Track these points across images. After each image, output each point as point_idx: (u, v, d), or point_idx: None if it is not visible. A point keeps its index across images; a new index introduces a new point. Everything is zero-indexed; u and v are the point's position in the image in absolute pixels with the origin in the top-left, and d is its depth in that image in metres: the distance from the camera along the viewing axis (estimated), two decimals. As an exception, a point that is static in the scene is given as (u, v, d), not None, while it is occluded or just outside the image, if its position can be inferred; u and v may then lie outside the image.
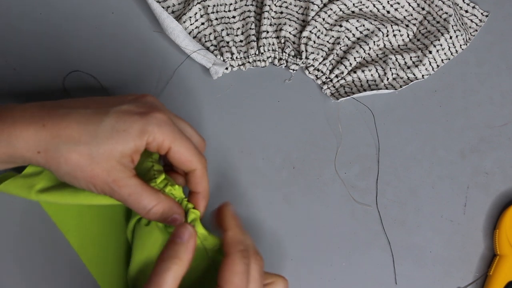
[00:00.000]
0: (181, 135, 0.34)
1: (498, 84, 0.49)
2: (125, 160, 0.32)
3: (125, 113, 0.33)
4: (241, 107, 0.46)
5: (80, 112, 0.32)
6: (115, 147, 0.32)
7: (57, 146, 0.31)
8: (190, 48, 0.44)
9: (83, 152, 0.31)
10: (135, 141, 0.32)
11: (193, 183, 0.36)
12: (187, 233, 0.33)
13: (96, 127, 0.32)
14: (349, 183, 0.45)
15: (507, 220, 0.44)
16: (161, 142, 0.33)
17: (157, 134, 0.33)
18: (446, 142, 0.47)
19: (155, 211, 0.33)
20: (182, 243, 0.32)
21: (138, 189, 0.33)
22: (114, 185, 0.32)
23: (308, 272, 0.43)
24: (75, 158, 0.31)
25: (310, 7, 0.47)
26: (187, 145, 0.35)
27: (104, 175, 0.32)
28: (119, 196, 0.33)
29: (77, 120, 0.32)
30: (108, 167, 0.32)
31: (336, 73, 0.46)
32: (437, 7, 0.48)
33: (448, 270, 0.44)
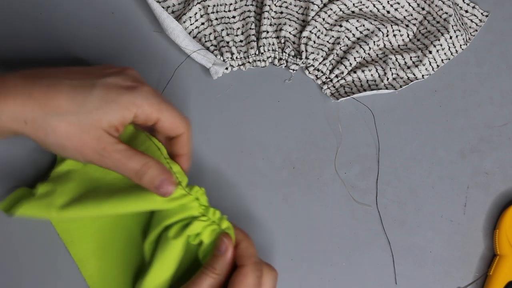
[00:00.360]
0: (167, 105, 0.35)
1: (498, 84, 0.49)
2: (112, 129, 0.33)
3: (113, 86, 0.33)
4: (241, 107, 0.46)
5: (66, 83, 0.33)
6: (103, 117, 0.32)
7: (45, 116, 0.32)
8: (190, 48, 0.44)
9: (72, 122, 0.32)
10: (123, 111, 0.33)
11: (179, 146, 0.37)
12: (224, 246, 0.35)
13: (85, 97, 0.32)
14: (349, 183, 0.45)
15: (507, 220, 0.44)
16: (149, 114, 0.34)
17: (145, 106, 0.34)
18: (446, 142, 0.47)
19: (144, 171, 0.34)
20: (220, 255, 0.35)
21: (128, 153, 0.33)
22: (104, 152, 0.33)
23: (308, 272, 0.43)
24: (64, 127, 0.32)
25: (310, 7, 0.47)
26: (173, 113, 0.36)
27: (94, 143, 0.32)
28: (110, 161, 0.33)
29: (64, 91, 0.32)
30: (97, 136, 0.32)
31: (336, 73, 0.46)
32: (437, 7, 0.48)
33: (448, 270, 0.44)
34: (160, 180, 0.34)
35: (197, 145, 0.44)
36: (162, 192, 0.34)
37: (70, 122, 0.32)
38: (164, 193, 0.34)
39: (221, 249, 0.35)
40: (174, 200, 0.35)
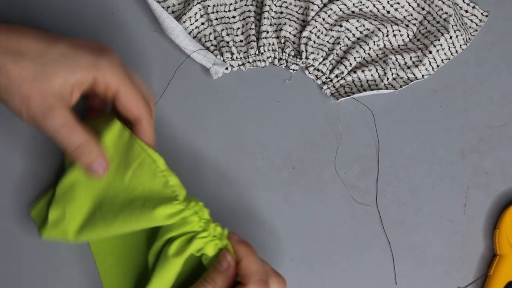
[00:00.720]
0: (130, 81, 0.34)
1: (498, 84, 0.49)
2: (66, 90, 0.31)
3: (80, 46, 0.32)
4: (241, 107, 0.46)
5: (34, 32, 0.32)
6: (60, 71, 0.31)
7: (1, 56, 0.30)
8: (190, 48, 0.44)
9: (27, 67, 0.30)
10: (82, 72, 0.31)
11: (140, 133, 0.35)
12: (226, 263, 0.34)
13: (47, 47, 0.31)
14: (349, 183, 0.45)
15: (507, 220, 0.44)
16: (109, 82, 0.32)
17: (107, 72, 0.32)
18: (446, 142, 0.47)
19: (83, 149, 0.32)
20: (221, 271, 0.34)
21: (73, 123, 0.32)
22: (48, 112, 0.31)
23: (308, 272, 0.43)
24: (17, 71, 0.30)
25: (310, 7, 0.47)
26: (135, 91, 0.34)
27: (41, 99, 0.31)
28: (51, 125, 0.31)
29: (29, 37, 0.31)
30: (47, 91, 0.31)
31: (336, 73, 0.46)
32: (437, 7, 0.48)
33: (448, 270, 0.44)
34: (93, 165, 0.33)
35: (197, 145, 0.44)
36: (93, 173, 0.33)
37: (25, 67, 0.30)
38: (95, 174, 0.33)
39: (223, 265, 0.34)
40: (173, 216, 0.35)
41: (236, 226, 0.42)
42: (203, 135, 0.45)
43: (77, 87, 0.32)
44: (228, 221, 0.42)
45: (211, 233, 0.35)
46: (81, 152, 0.32)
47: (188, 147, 0.44)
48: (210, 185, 0.43)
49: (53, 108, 0.31)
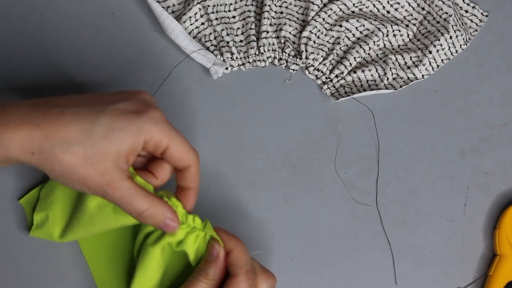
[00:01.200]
0: (177, 132, 0.34)
1: (498, 84, 0.49)
2: (120, 161, 0.32)
3: (122, 112, 0.32)
4: (241, 107, 0.46)
5: (75, 110, 0.32)
6: (110, 147, 0.31)
7: (51, 147, 0.31)
8: (190, 48, 0.44)
9: (77, 153, 0.31)
10: (132, 139, 0.32)
11: (188, 179, 0.36)
12: (215, 252, 0.34)
13: (92, 126, 0.31)
14: (349, 183, 0.45)
15: (507, 220, 0.44)
16: (159, 141, 0.33)
17: (154, 132, 0.32)
18: (446, 142, 0.47)
19: (147, 214, 0.33)
20: (212, 261, 0.34)
21: (132, 192, 0.32)
22: (107, 188, 0.32)
23: (308, 272, 0.43)
24: (69, 159, 0.31)
25: (310, 7, 0.47)
26: (184, 141, 0.34)
27: (98, 178, 0.31)
28: (112, 198, 0.32)
29: (72, 119, 0.31)
30: (102, 169, 0.31)
31: (336, 73, 0.46)
32: (437, 7, 0.48)
33: (448, 270, 0.44)
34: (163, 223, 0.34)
35: (197, 145, 0.44)
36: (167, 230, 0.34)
37: (75, 153, 0.31)
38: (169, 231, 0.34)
39: (213, 254, 0.34)
40: None
41: (236, 226, 0.43)
42: (203, 135, 0.44)
43: (130, 154, 0.32)
44: (228, 221, 0.42)
45: (190, 224, 0.35)
46: (145, 218, 0.33)
47: (188, 147, 0.44)
48: (210, 185, 0.43)
49: (111, 184, 0.32)
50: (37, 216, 0.39)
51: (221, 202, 0.43)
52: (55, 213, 0.38)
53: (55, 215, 0.38)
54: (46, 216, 0.38)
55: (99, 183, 0.31)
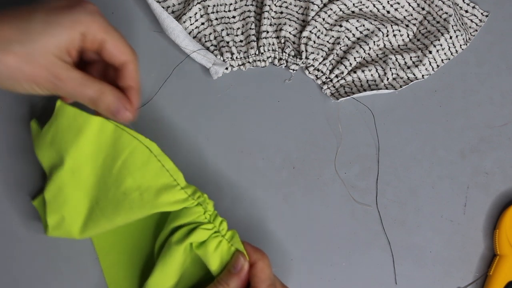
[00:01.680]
0: (113, 27, 0.34)
1: (498, 84, 0.49)
2: (62, 54, 0.32)
3: (55, 7, 0.32)
4: (241, 107, 0.46)
5: (9, 12, 0.32)
6: (49, 41, 0.31)
7: None
8: (190, 48, 0.44)
9: (18, 52, 0.31)
10: (69, 32, 0.32)
11: (127, 77, 0.35)
12: (240, 265, 0.35)
13: (27, 23, 0.31)
14: (349, 183, 0.45)
15: (507, 220, 0.44)
16: (94, 32, 0.33)
17: (90, 23, 0.32)
18: (446, 142, 0.47)
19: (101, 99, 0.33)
20: (234, 273, 0.35)
21: (83, 80, 0.32)
22: (56, 81, 0.32)
23: (308, 272, 0.43)
24: (11, 59, 0.31)
25: (310, 7, 0.47)
26: (120, 36, 0.34)
27: (45, 73, 0.31)
28: (65, 90, 0.32)
29: (7, 20, 0.31)
30: (47, 63, 0.31)
31: (336, 73, 0.46)
32: (437, 7, 0.48)
33: (448, 270, 0.44)
34: (115, 107, 0.33)
35: (197, 145, 0.44)
36: (120, 118, 0.34)
37: (16, 52, 0.31)
38: (122, 119, 0.34)
39: (237, 267, 0.35)
40: (176, 204, 0.35)
41: (236, 226, 0.42)
42: (203, 135, 0.44)
43: (71, 47, 0.32)
44: (229, 221, 0.42)
45: (215, 226, 0.35)
46: (99, 103, 0.33)
47: (188, 147, 0.44)
48: (210, 185, 0.43)
49: (59, 76, 0.32)
50: (51, 218, 0.38)
51: (221, 202, 0.43)
52: (71, 211, 0.37)
53: (71, 213, 0.37)
54: (61, 217, 0.37)
55: (47, 77, 0.32)
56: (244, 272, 0.35)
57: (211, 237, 0.35)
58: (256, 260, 0.35)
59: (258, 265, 0.35)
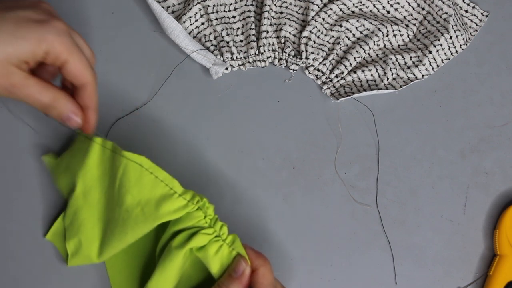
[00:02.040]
0: (77, 49, 0.35)
1: (498, 84, 0.49)
2: (21, 64, 0.33)
3: (24, 20, 0.33)
4: (241, 107, 0.46)
5: None
6: (12, 53, 0.32)
7: None
8: (190, 48, 0.44)
9: None
10: (33, 47, 0.32)
11: (85, 97, 0.36)
12: (241, 269, 0.35)
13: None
14: (349, 183, 0.45)
15: (507, 220, 0.44)
16: (59, 53, 0.33)
17: (55, 43, 0.33)
18: (446, 142, 0.47)
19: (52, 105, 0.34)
20: (236, 277, 0.35)
21: (36, 87, 0.33)
22: (13, 88, 0.33)
23: (308, 272, 0.43)
24: None
25: (310, 7, 0.47)
26: (82, 58, 0.35)
27: (2, 80, 0.32)
28: (20, 96, 0.33)
29: None
30: (6, 72, 0.32)
31: (336, 73, 0.46)
32: (437, 7, 0.48)
33: (448, 270, 0.44)
34: (66, 115, 0.35)
35: (197, 145, 0.44)
36: (71, 124, 0.35)
37: None
38: (73, 126, 0.35)
39: (238, 271, 0.35)
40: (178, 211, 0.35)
41: (236, 226, 0.42)
42: (203, 135, 0.44)
43: (30, 60, 0.33)
44: (228, 221, 0.42)
45: (216, 230, 0.35)
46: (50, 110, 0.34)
47: (188, 147, 0.44)
48: (210, 185, 0.43)
49: (16, 85, 0.33)
50: (69, 244, 0.39)
51: (221, 202, 0.43)
52: (87, 235, 0.38)
53: (87, 237, 0.38)
54: (79, 241, 0.38)
55: (4, 85, 0.33)
56: (245, 277, 0.35)
57: (211, 241, 0.35)
58: (258, 266, 0.35)
59: (260, 271, 0.35)
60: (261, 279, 0.35)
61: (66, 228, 0.39)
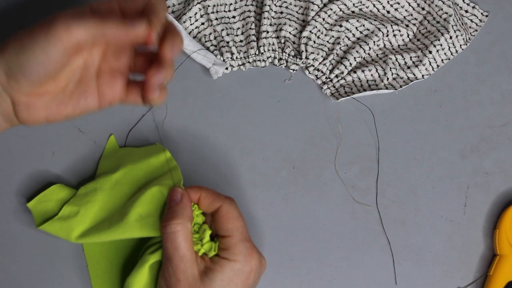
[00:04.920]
0: None
1: (498, 84, 0.49)
2: None
3: None
4: (241, 107, 0.46)
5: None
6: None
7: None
8: (190, 48, 0.44)
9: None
10: None
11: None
12: (179, 194, 0.34)
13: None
14: (349, 183, 0.45)
15: (507, 220, 0.44)
16: None
17: None
18: (446, 142, 0.47)
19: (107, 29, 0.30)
20: (177, 203, 0.34)
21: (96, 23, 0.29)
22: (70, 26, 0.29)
23: (308, 272, 0.43)
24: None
25: (310, 7, 0.47)
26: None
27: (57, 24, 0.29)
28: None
29: None
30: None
31: (336, 73, 0.46)
32: (437, 7, 0.48)
33: (448, 270, 0.44)
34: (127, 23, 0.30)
35: (197, 145, 0.44)
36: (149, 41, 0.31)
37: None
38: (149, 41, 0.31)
39: (176, 198, 0.34)
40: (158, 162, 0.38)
41: (236, 226, 0.43)
42: (203, 135, 0.44)
43: None
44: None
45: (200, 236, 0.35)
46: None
47: (188, 147, 0.44)
48: (210, 185, 0.43)
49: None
50: (67, 208, 0.38)
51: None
52: (87, 212, 0.38)
53: (86, 214, 0.38)
54: (77, 211, 0.38)
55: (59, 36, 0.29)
56: (186, 199, 0.34)
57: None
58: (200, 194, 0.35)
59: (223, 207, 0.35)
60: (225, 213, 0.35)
61: (77, 194, 0.39)
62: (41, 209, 0.39)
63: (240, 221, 0.35)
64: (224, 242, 0.34)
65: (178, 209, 0.34)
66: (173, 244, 0.33)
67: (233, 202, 0.35)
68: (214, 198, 0.35)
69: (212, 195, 0.35)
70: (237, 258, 0.33)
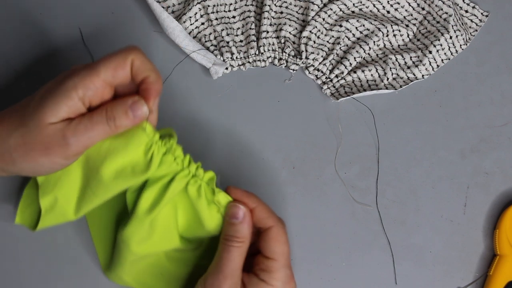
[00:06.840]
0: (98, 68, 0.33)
1: (498, 84, 0.49)
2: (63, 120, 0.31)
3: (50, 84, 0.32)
4: (241, 107, 0.46)
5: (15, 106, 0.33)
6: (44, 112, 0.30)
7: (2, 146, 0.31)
8: (190, 48, 0.44)
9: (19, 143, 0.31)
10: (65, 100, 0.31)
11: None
12: (241, 212, 0.34)
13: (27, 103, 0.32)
14: (349, 183, 0.45)
15: (507, 220, 0.44)
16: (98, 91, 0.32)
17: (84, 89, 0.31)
18: (446, 142, 0.47)
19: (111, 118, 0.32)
20: (239, 222, 0.34)
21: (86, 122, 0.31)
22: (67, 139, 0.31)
23: (308, 272, 0.43)
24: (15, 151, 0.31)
25: (310, 7, 0.47)
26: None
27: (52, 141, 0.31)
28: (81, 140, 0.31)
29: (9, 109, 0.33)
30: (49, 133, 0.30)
31: (336, 73, 0.46)
32: (437, 7, 0.48)
33: (448, 270, 0.44)
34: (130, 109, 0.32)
35: (197, 146, 0.44)
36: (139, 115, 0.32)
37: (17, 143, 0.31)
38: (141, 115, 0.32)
39: (239, 216, 0.34)
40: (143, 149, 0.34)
41: (236, 226, 0.43)
42: (203, 135, 0.44)
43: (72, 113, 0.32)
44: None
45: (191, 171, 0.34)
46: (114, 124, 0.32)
47: (188, 147, 0.44)
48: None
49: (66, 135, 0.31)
50: (44, 201, 0.36)
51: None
52: (64, 191, 0.36)
53: (65, 193, 0.36)
54: (54, 198, 0.36)
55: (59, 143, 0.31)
56: (248, 218, 0.34)
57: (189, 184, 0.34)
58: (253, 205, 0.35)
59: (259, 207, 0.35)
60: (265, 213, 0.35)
61: (39, 184, 0.36)
62: (27, 216, 0.38)
63: (287, 246, 0.35)
64: (266, 264, 0.34)
65: (241, 229, 0.34)
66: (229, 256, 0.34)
67: (284, 226, 0.35)
68: (268, 215, 0.35)
69: (267, 212, 0.35)
70: (276, 284, 0.34)
